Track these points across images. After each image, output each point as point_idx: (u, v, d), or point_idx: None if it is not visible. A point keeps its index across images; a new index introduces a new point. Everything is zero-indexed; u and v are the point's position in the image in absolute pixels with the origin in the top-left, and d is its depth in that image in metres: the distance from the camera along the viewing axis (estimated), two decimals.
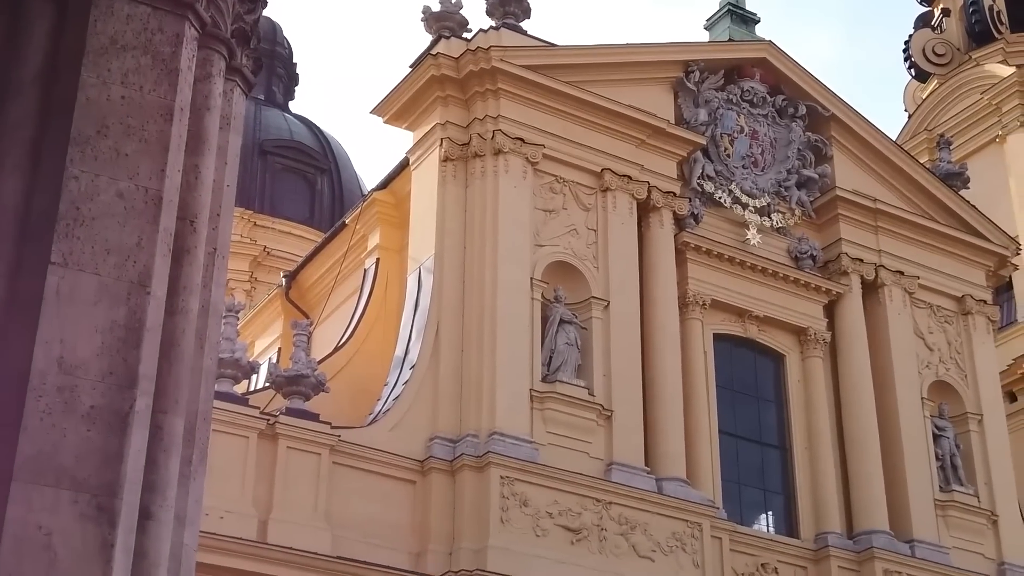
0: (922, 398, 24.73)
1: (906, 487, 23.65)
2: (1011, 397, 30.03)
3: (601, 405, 21.18)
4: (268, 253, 37.70)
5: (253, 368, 19.76)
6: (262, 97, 42.47)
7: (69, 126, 5.47)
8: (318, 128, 42.66)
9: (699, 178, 24.14)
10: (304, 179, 40.68)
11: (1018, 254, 27.67)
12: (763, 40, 26.44)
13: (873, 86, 79.92)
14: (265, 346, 27.44)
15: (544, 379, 21.01)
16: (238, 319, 20.32)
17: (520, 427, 20.32)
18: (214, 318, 6.04)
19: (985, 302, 26.42)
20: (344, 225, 24.90)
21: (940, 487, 24.19)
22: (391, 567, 18.86)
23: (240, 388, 19.90)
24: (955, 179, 27.36)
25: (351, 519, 19.09)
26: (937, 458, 24.41)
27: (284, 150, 40.33)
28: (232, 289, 35.08)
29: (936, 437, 24.60)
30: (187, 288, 5.72)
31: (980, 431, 25.18)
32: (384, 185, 24.00)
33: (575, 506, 20.19)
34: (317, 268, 25.88)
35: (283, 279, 26.83)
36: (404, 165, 23.31)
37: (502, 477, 19.67)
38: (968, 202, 27.00)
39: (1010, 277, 28.79)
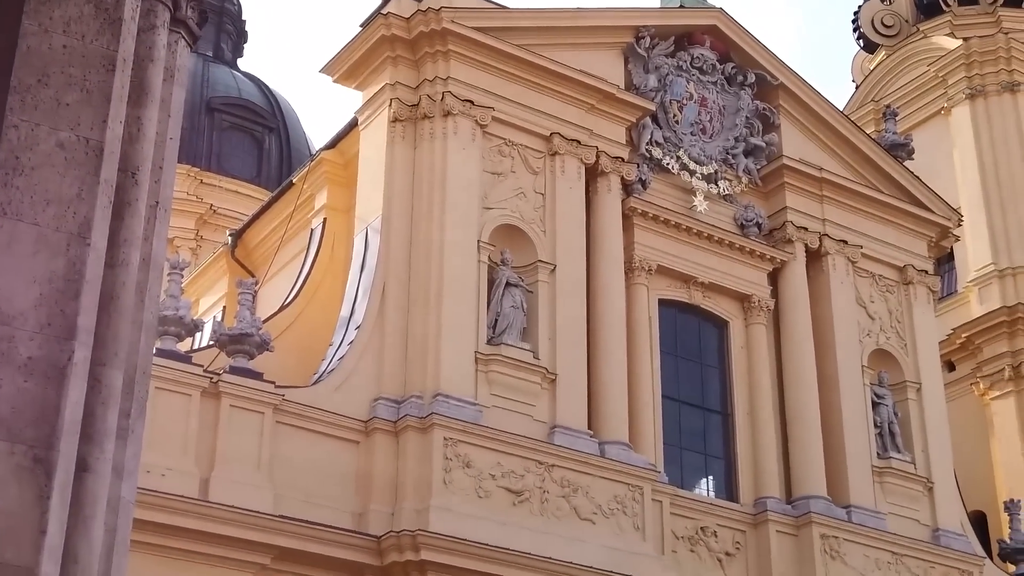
0: (862, 366, 25.03)
1: (844, 453, 23.96)
2: (949, 366, 30.48)
3: (545, 368, 21.26)
4: (214, 211, 37.48)
5: (197, 326, 19.62)
6: (210, 54, 42.08)
7: (9, 75, 5.41)
8: (267, 86, 42.33)
9: (647, 144, 24.21)
10: (252, 137, 40.41)
11: (960, 225, 28.02)
12: (714, 7, 26.47)
13: (822, 56, 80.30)
14: (210, 304, 27.29)
15: (489, 342, 21.05)
16: (183, 276, 20.16)
17: (464, 389, 20.37)
18: (155, 272, 6.01)
19: (926, 272, 26.73)
20: (291, 184, 24.75)
21: (878, 454, 24.53)
22: (333, 526, 18.88)
23: (184, 346, 19.77)
24: (900, 150, 27.61)
25: (294, 478, 19.08)
26: (875, 425, 24.74)
27: (232, 108, 40.01)
28: (177, 247, 34.86)
29: (875, 405, 24.91)
30: (128, 241, 5.68)
31: (918, 399, 25.52)
32: (332, 145, 23.87)
33: (518, 468, 20.28)
34: (263, 227, 25.73)
35: (229, 237, 26.66)
36: (353, 125, 23.18)
37: (446, 439, 19.72)
38: (912, 173, 27.27)
39: (951, 248, 29.14)
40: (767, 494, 23.13)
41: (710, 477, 23.77)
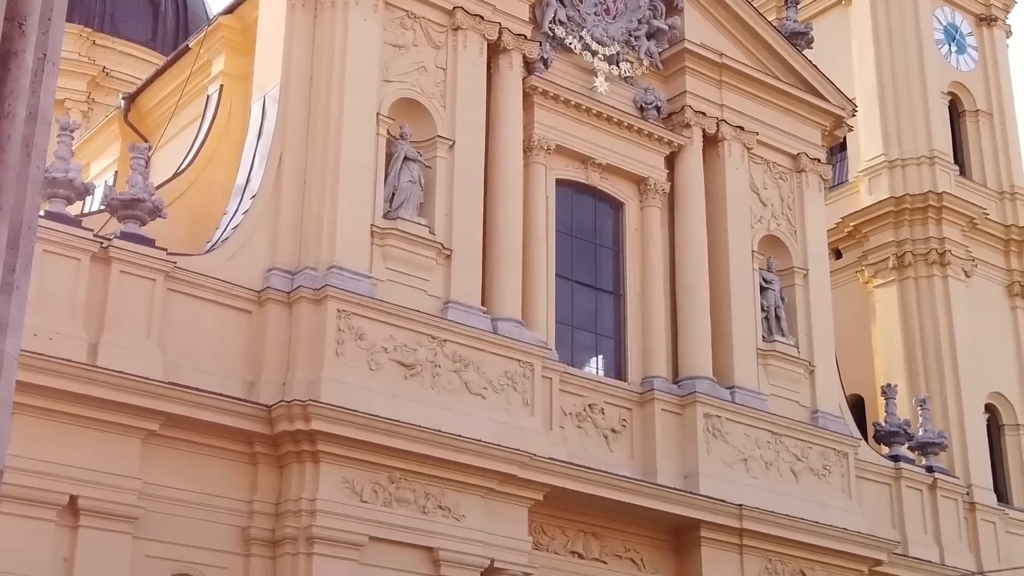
0: (752, 251, 25.50)
1: (731, 336, 24.52)
2: (836, 254, 31.18)
3: (441, 244, 21.33)
4: (107, 74, 36.57)
5: (88, 190, 19.25)
6: None
7: None
8: None
9: (551, 22, 24.09)
10: None
11: (854, 115, 28.45)
12: None
13: None
14: (101, 169, 26.79)
15: (386, 215, 21.02)
16: (72, 138, 19.65)
17: (359, 262, 20.37)
18: (42, 126, 5.89)
19: (819, 161, 27.18)
20: (188, 49, 24.21)
21: (763, 337, 25.15)
22: (223, 394, 18.89)
23: (74, 209, 19.42)
24: (799, 39, 27.81)
25: (185, 346, 19.01)
26: (762, 309, 25.32)
27: None
28: (68, 108, 34.00)
29: (763, 289, 25.46)
30: (14, 93, 5.56)
31: (804, 285, 26.14)
32: (231, 10, 23.34)
33: (410, 342, 20.41)
34: (158, 91, 25.21)
35: (122, 101, 26.08)
36: None
37: (339, 311, 19.74)
38: (810, 62, 27.53)
39: (844, 138, 29.61)
40: (654, 374, 23.63)
41: (600, 356, 24.19)
